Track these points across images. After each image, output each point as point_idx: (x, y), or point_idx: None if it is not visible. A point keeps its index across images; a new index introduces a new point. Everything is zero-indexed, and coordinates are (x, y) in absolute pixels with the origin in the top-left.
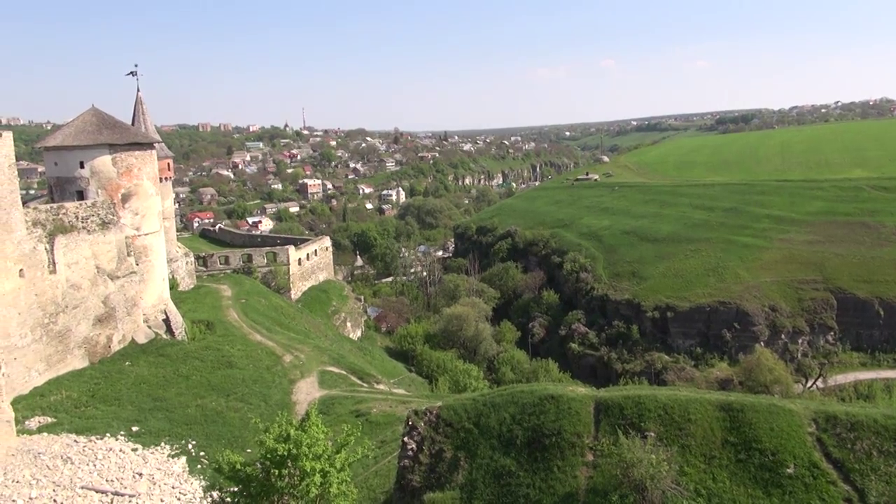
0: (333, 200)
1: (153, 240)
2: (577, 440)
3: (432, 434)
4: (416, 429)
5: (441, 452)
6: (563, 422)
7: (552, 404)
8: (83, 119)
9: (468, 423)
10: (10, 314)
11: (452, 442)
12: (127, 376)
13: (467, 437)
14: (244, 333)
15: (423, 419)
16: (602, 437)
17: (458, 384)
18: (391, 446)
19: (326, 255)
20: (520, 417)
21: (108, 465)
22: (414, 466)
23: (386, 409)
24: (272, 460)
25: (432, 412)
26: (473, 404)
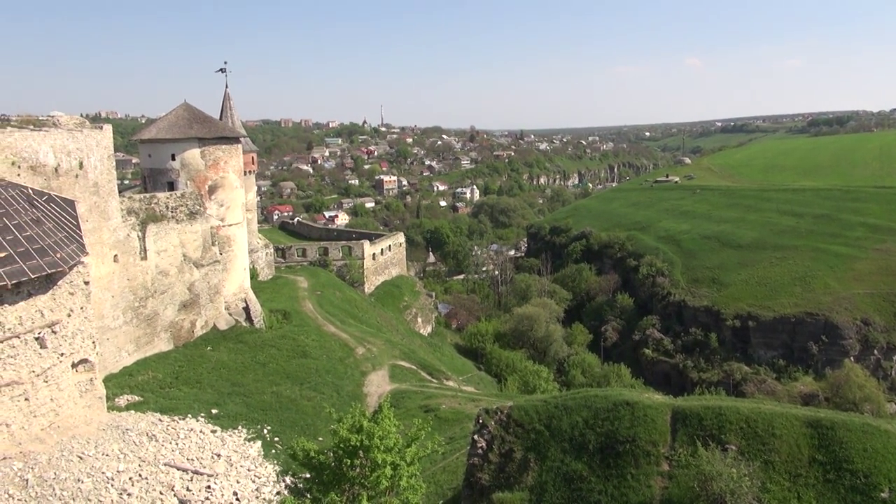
0: (408, 197)
1: (236, 231)
2: (652, 449)
3: (502, 433)
4: (486, 427)
5: (511, 452)
6: (638, 429)
7: (627, 410)
8: (176, 114)
9: (539, 425)
10: (105, 297)
11: (523, 443)
12: (208, 360)
13: (538, 439)
14: (319, 324)
15: (494, 418)
16: (679, 447)
17: (528, 385)
18: (460, 443)
19: (400, 251)
20: (593, 422)
21: (189, 444)
22: (483, 465)
23: (455, 405)
24: (344, 450)
25: (503, 411)
26: (545, 406)
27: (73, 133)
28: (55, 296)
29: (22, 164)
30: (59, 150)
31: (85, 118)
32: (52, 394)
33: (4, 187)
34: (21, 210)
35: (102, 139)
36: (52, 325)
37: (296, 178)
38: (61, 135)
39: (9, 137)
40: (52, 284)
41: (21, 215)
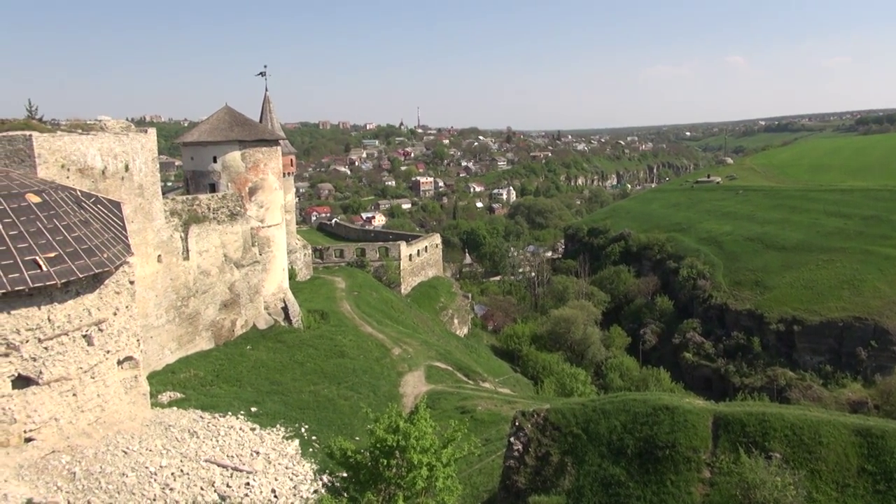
0: (444, 198)
1: (276, 232)
2: (692, 455)
3: (539, 436)
4: (522, 430)
5: (547, 455)
6: (679, 434)
7: (667, 415)
8: (217, 117)
9: (576, 429)
10: (149, 296)
11: (559, 446)
12: (247, 359)
13: (575, 443)
14: (356, 325)
15: (530, 421)
16: (721, 453)
17: (565, 388)
18: (496, 445)
19: (436, 252)
20: (631, 426)
21: (229, 441)
22: (519, 468)
23: (491, 407)
24: (381, 450)
25: (539, 414)
26: (582, 409)
27: (119, 136)
28: (102, 295)
29: (71, 167)
30: (105, 154)
31: (130, 122)
32: (98, 390)
33: (55, 189)
34: (70, 211)
35: (147, 142)
36: (99, 324)
37: (334, 179)
38: (108, 138)
39: (59, 141)
40: (98, 284)
41: (70, 216)
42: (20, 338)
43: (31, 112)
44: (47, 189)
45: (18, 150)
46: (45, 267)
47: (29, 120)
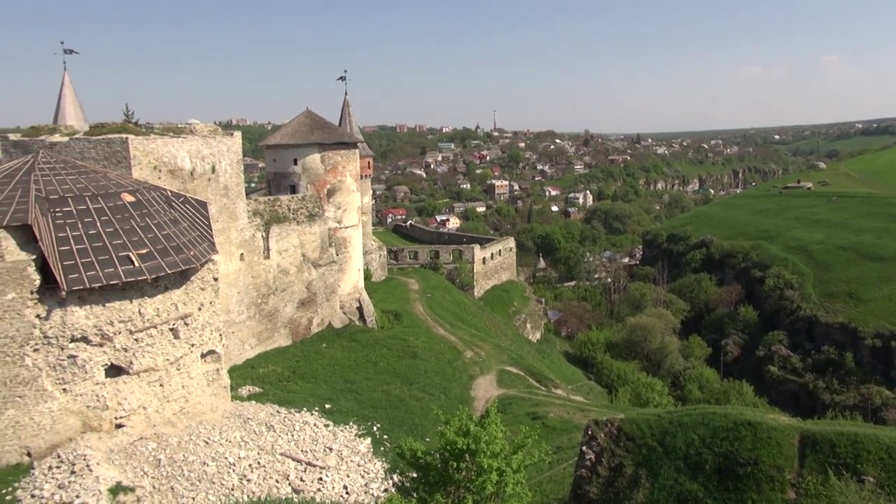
0: (519, 201)
1: (352, 233)
2: (776, 474)
3: (612, 447)
4: (595, 439)
5: (621, 467)
6: (761, 451)
7: (749, 431)
8: (298, 120)
9: (651, 440)
10: (231, 293)
11: (634, 457)
12: (323, 357)
13: (650, 455)
14: (428, 326)
15: (604, 430)
16: (807, 474)
17: (640, 398)
18: (567, 453)
19: (510, 256)
20: (710, 441)
21: (303, 436)
22: (591, 477)
23: (563, 414)
24: (451, 452)
25: (613, 424)
26: (658, 421)
27: (206, 139)
28: (188, 290)
29: (162, 168)
30: (194, 155)
31: (217, 125)
32: (183, 381)
33: (147, 189)
34: (161, 210)
35: (233, 145)
36: (185, 318)
37: (409, 182)
38: (197, 141)
39: (152, 144)
40: (185, 280)
41: (161, 215)
42: (113, 329)
43: (127, 116)
44: (140, 189)
45: (115, 152)
46: (137, 263)
47: (126, 123)
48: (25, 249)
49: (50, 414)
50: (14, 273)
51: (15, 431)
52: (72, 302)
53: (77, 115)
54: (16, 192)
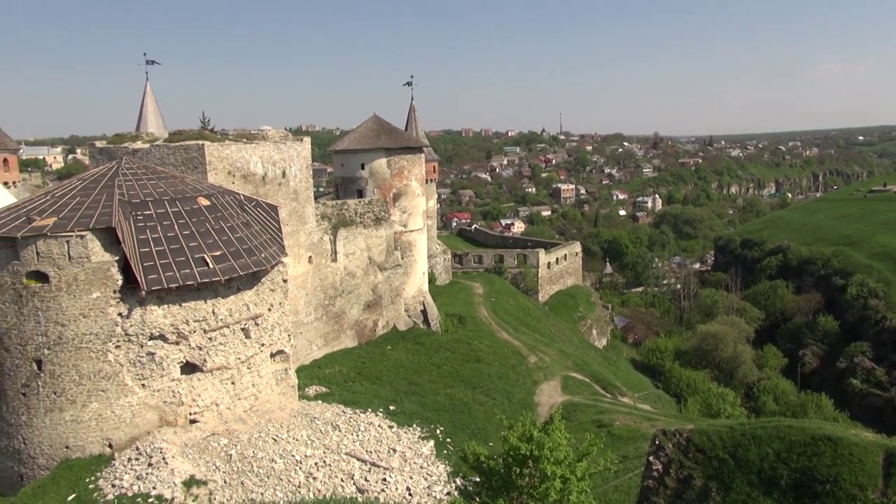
0: (586, 206)
1: (417, 236)
2: (858, 493)
3: (681, 458)
4: (663, 449)
5: (690, 479)
6: (842, 469)
7: (828, 447)
8: (366, 126)
9: (723, 453)
10: (300, 294)
11: (703, 470)
12: (387, 359)
13: (721, 468)
14: (492, 330)
15: (672, 440)
16: (893, 494)
17: (711, 408)
18: (633, 463)
19: (576, 261)
20: (786, 456)
21: (368, 437)
22: (658, 489)
23: (629, 423)
24: (514, 458)
25: (682, 434)
26: (730, 433)
27: (277, 145)
28: (259, 292)
29: (236, 173)
30: (266, 161)
31: (288, 131)
32: (253, 380)
33: (221, 193)
34: (234, 214)
35: (302, 150)
36: (256, 318)
37: (474, 186)
38: (268, 147)
39: (226, 150)
40: (256, 281)
41: (234, 218)
42: (189, 328)
43: (204, 123)
44: (215, 193)
45: (192, 158)
46: (212, 264)
47: (202, 130)
48: (109, 251)
49: (130, 408)
50: (99, 273)
51: (98, 423)
52: (151, 301)
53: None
54: (101, 196)
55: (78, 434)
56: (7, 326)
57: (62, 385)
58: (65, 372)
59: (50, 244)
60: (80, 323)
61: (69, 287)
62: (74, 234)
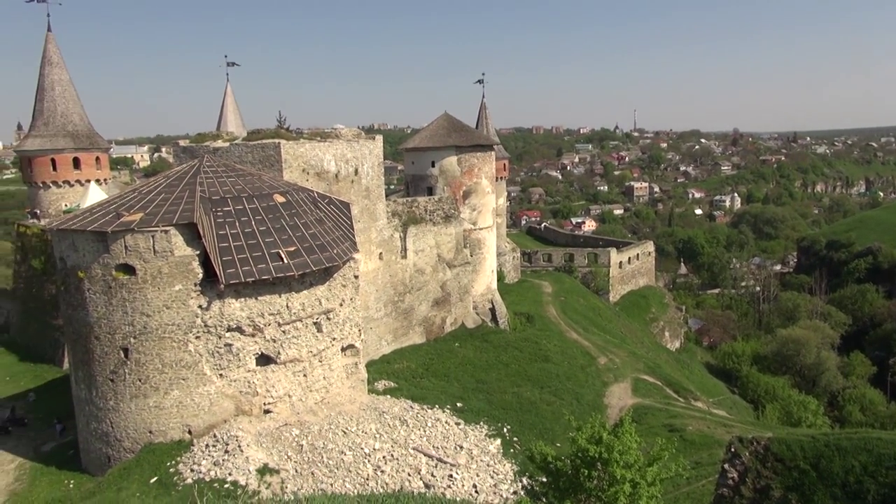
0: (660, 204)
1: (486, 234)
2: None
3: (758, 467)
4: (739, 457)
5: (768, 489)
6: None
7: None
8: (437, 124)
9: (804, 464)
10: (370, 290)
11: (783, 480)
12: (455, 356)
13: (802, 479)
14: (561, 330)
15: (749, 448)
16: None
17: (791, 416)
18: (706, 469)
19: (648, 261)
20: (874, 469)
21: (434, 433)
22: (733, 497)
23: (703, 428)
24: (582, 460)
25: (760, 442)
26: (812, 443)
27: (350, 143)
28: (331, 287)
29: (310, 171)
30: (339, 159)
31: (361, 130)
32: (324, 373)
33: (296, 190)
34: (308, 210)
35: (374, 148)
36: (328, 313)
37: (545, 184)
38: (341, 145)
39: (301, 148)
40: (328, 277)
41: (307, 215)
42: (264, 321)
43: (280, 122)
44: (290, 190)
45: (269, 156)
46: (286, 260)
47: (279, 129)
48: (191, 245)
49: (208, 396)
50: (181, 266)
51: (178, 410)
52: (229, 294)
53: (237, 122)
54: (184, 193)
55: (160, 420)
56: (97, 316)
57: (146, 372)
58: (149, 360)
59: (137, 238)
60: (163, 314)
61: (154, 279)
62: (159, 229)
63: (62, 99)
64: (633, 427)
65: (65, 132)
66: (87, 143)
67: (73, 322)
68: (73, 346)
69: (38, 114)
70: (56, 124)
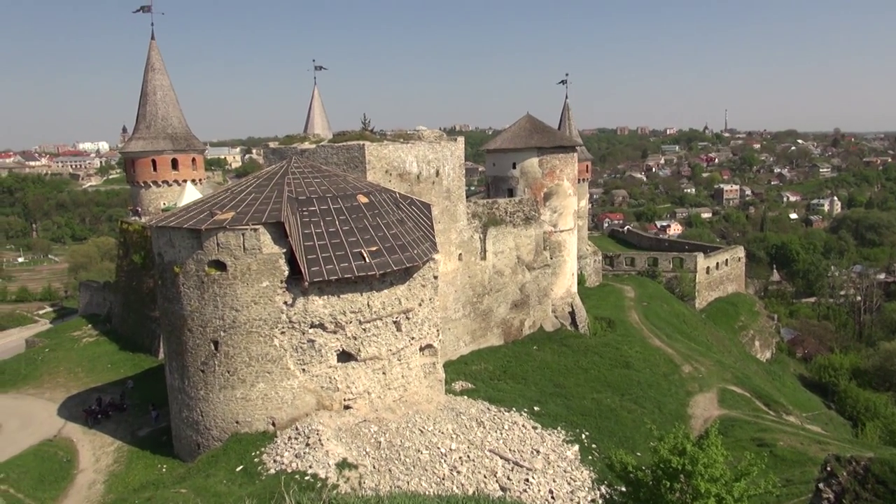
0: (751, 208)
1: (567, 237)
2: None
3: (857, 488)
4: (835, 477)
5: None
6: None
7: None
8: (519, 125)
9: None
10: (449, 291)
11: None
12: (533, 359)
13: None
14: (643, 336)
15: (847, 468)
16: None
17: (894, 436)
18: (798, 489)
19: (738, 266)
20: None
21: (511, 436)
22: None
23: (795, 444)
24: (665, 471)
25: (859, 462)
26: None
27: (432, 145)
28: (410, 287)
29: (392, 172)
30: (421, 160)
31: (442, 131)
32: (403, 371)
33: (379, 191)
34: (389, 211)
35: (456, 150)
36: (407, 312)
37: (628, 186)
38: (423, 146)
39: (384, 149)
40: (408, 277)
41: (389, 215)
42: (345, 318)
43: (364, 124)
44: (373, 191)
45: (353, 157)
46: (368, 259)
47: (363, 131)
48: (278, 244)
49: (291, 390)
50: (268, 264)
51: (263, 402)
52: (312, 292)
53: (323, 125)
54: (273, 193)
55: (246, 411)
56: (191, 309)
57: (234, 365)
58: (237, 353)
59: (228, 236)
60: (251, 309)
61: (243, 276)
62: (249, 227)
63: (163, 103)
64: (720, 439)
65: (165, 134)
66: (184, 145)
67: (168, 314)
68: (168, 337)
69: (141, 117)
70: (157, 127)
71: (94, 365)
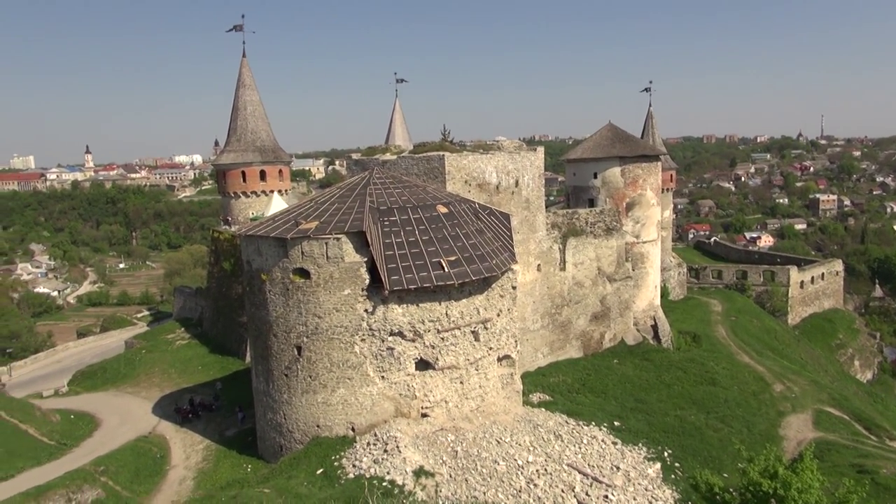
0: (851, 219)
1: (650, 248)
2: None
3: None
4: None
5: None
6: None
7: None
8: (600, 134)
9: None
10: (527, 301)
11: None
12: (613, 373)
13: None
14: (731, 352)
15: None
16: None
17: None
18: None
19: (836, 281)
20: None
21: (590, 450)
22: None
23: None
24: (754, 494)
25: None
26: None
27: (511, 155)
28: (489, 297)
29: (472, 182)
30: (500, 170)
31: (522, 141)
32: (480, 381)
33: (458, 201)
34: (469, 221)
35: (535, 160)
36: (485, 322)
37: (715, 196)
38: (503, 157)
39: (464, 160)
40: (487, 287)
41: (468, 226)
42: (424, 327)
43: (444, 135)
44: (453, 201)
45: (433, 168)
46: (447, 269)
47: (443, 142)
48: (360, 253)
49: (370, 396)
50: (350, 272)
51: (343, 408)
52: (392, 300)
53: (404, 136)
54: (355, 203)
55: (327, 415)
56: (276, 315)
57: (316, 370)
58: (319, 359)
59: (312, 245)
60: (333, 316)
61: (326, 283)
62: (332, 236)
63: (252, 118)
64: (815, 464)
65: (254, 147)
66: (272, 157)
67: (255, 320)
68: (254, 341)
69: (232, 131)
70: (247, 140)
71: (186, 366)
